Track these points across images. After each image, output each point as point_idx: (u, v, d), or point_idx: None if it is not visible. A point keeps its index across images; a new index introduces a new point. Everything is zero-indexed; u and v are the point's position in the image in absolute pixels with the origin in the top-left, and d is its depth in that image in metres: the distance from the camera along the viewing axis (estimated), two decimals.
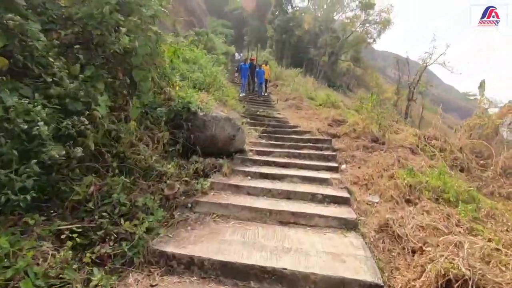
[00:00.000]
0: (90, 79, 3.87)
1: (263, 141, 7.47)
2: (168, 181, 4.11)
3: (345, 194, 4.51)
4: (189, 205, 3.88)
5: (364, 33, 32.20)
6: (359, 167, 6.43)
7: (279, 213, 3.84)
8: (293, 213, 3.82)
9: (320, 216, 3.80)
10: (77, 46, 3.93)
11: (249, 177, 5.10)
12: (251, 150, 6.40)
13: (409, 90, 20.71)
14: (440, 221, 3.60)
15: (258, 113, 10.20)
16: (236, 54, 33.63)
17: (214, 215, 3.79)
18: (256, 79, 13.99)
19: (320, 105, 11.84)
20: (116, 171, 3.80)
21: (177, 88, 6.13)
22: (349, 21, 32.13)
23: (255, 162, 5.85)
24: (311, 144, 7.26)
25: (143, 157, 4.06)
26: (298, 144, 7.24)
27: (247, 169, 5.38)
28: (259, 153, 6.44)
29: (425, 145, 7.47)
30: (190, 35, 22.03)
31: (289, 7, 32.60)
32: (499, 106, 9.46)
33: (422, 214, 3.92)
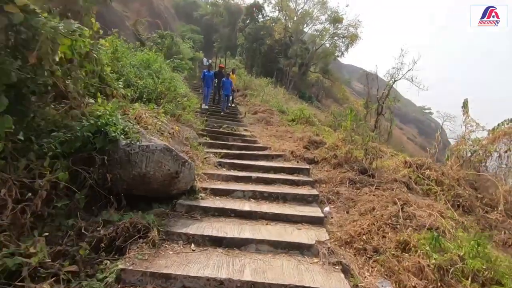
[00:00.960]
0: None
1: (223, 171, 5.56)
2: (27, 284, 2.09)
3: (342, 281, 2.74)
4: None
5: (333, 46, 31.67)
6: (347, 211, 4.75)
7: None
8: None
9: None
10: None
11: (192, 246, 3.16)
12: (204, 189, 4.46)
13: (378, 104, 19.87)
14: None
15: (221, 129, 8.30)
16: (205, 60, 31.62)
17: None
18: (221, 91, 11.57)
19: (293, 120, 10.21)
20: None
21: (99, 100, 4.10)
22: (318, 33, 31.46)
23: (206, 212, 3.92)
24: (284, 177, 5.47)
25: None
26: (269, 176, 5.43)
27: (191, 227, 3.43)
28: (215, 192, 4.52)
29: (420, 177, 6.01)
30: (153, 37, 19.82)
31: (260, 16, 31.26)
32: (485, 128, 8.34)
33: None
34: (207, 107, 10.83)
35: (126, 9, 21.57)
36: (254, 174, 5.37)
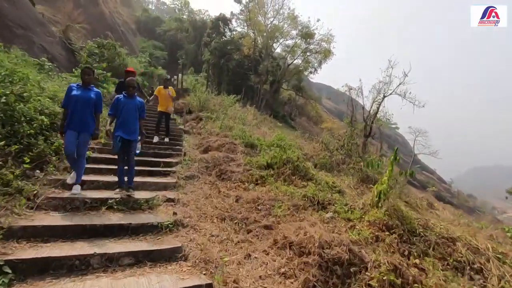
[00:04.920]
0: None
1: None
2: None
3: None
4: None
5: (305, 62, 27.78)
6: None
7: None
8: None
9: None
10: None
11: None
12: None
13: (365, 124, 15.56)
14: None
15: (93, 221, 3.13)
16: (169, 77, 26.52)
17: None
18: (121, 130, 3.76)
19: (269, 166, 5.21)
20: None
21: None
22: (289, 49, 27.48)
23: None
24: None
25: None
26: None
27: None
28: None
29: None
30: (89, 46, 14.36)
31: (227, 29, 26.73)
32: None
33: None
34: (77, 189, 3.48)
35: (56, 13, 15.98)
36: None
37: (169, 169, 4.94)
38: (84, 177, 3.86)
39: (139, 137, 3.98)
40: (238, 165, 5.34)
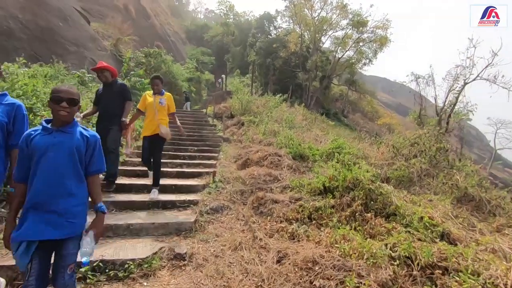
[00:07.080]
0: None
1: None
2: None
3: None
4: None
5: (358, 53, 24.73)
6: None
7: None
8: None
9: None
10: None
11: None
12: None
13: (440, 118, 12.55)
14: None
15: None
16: (219, 80, 26.49)
17: None
18: (32, 219, 1.35)
19: (329, 191, 3.54)
20: None
21: None
22: (339, 41, 24.74)
23: None
24: None
25: None
26: None
27: None
28: None
29: None
30: (136, 56, 14.38)
31: (272, 27, 25.27)
32: None
33: None
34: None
35: (108, 28, 16.45)
36: None
37: (191, 196, 3.64)
38: None
39: (88, 227, 1.50)
40: (283, 188, 3.80)
